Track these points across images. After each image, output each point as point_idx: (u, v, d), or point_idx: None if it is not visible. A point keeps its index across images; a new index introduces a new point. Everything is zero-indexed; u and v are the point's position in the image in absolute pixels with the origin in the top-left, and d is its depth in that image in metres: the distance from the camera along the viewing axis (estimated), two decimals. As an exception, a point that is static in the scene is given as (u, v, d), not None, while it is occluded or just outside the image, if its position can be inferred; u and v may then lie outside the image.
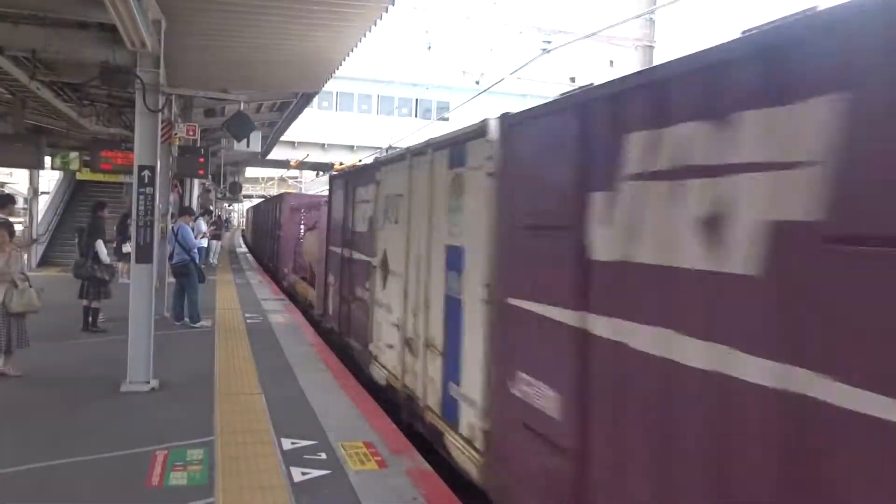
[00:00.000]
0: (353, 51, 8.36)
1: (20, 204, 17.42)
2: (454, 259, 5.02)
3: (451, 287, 5.06)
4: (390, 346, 6.65)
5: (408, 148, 6.61)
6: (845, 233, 1.99)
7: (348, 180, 9.21)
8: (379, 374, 7.03)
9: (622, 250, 2.99)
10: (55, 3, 6.59)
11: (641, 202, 2.88)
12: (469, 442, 4.59)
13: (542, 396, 3.58)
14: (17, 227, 10.16)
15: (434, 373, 5.35)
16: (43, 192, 19.42)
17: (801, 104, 2.13)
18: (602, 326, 3.11)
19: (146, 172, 6.59)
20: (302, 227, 16.88)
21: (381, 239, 7.15)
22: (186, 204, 16.52)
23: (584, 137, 3.34)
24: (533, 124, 4.04)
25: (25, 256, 8.61)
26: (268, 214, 25.20)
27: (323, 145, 36.47)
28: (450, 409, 5.00)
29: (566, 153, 3.50)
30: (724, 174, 2.42)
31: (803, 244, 2.10)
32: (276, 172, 52.29)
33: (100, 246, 9.23)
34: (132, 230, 6.70)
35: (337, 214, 9.70)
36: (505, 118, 4.35)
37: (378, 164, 7.76)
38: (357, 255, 8.24)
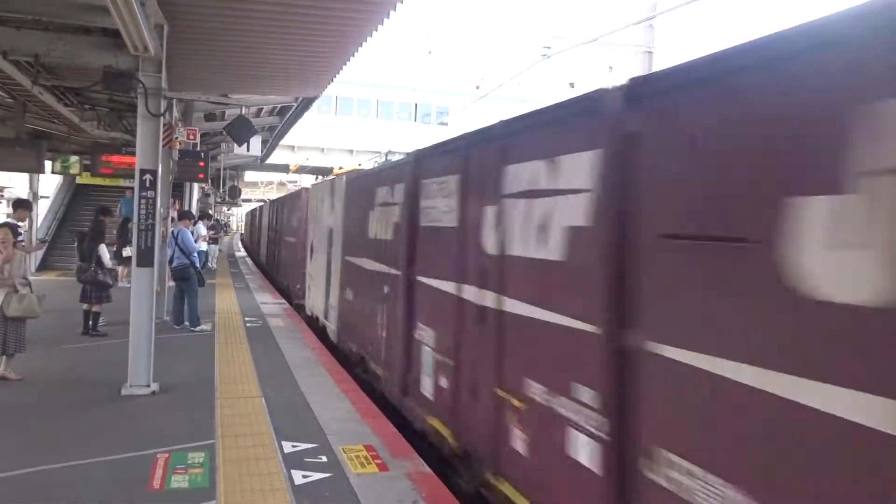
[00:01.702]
0: (354, 55, 8.39)
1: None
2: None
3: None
4: None
5: None
6: None
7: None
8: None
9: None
10: (58, 9, 6.62)
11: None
12: None
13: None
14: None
15: None
16: (43, 196, 19.43)
17: None
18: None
19: (147, 176, 6.62)
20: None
21: None
22: (186, 208, 16.54)
23: None
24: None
25: (26, 258, 8.62)
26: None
27: (322, 149, 36.57)
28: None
29: None
30: None
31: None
32: (276, 177, 52.34)
33: (102, 250, 9.25)
34: (133, 234, 6.72)
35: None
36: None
37: None
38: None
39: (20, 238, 8.83)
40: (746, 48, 2.48)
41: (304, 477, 4.53)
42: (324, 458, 4.90)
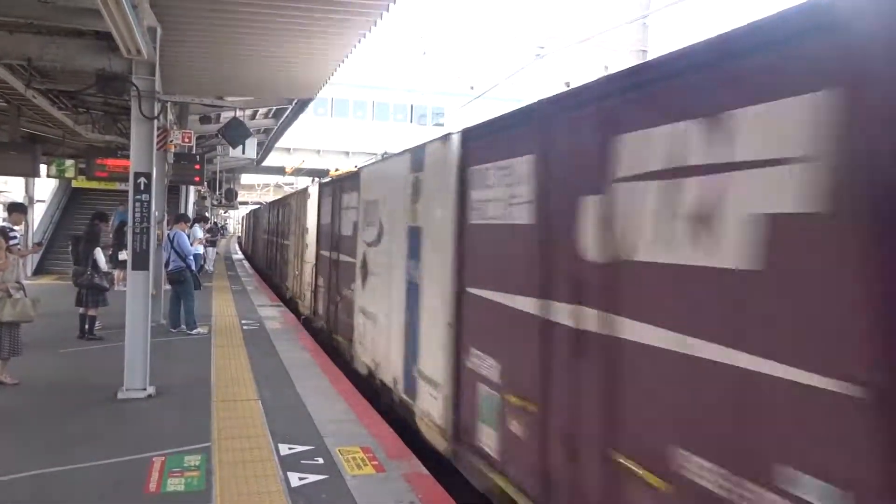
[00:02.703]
0: (348, 57, 8.40)
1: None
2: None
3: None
4: None
5: None
6: None
7: None
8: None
9: None
10: (51, 12, 6.60)
11: None
12: None
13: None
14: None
15: None
16: (39, 200, 19.40)
17: None
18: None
19: (142, 179, 6.60)
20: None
21: None
22: (181, 212, 16.51)
23: None
24: None
25: (21, 263, 8.61)
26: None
27: (318, 151, 36.50)
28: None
29: None
30: None
31: None
32: (272, 179, 52.30)
33: (98, 253, 9.23)
34: (128, 237, 6.71)
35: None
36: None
37: None
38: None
39: (16, 242, 8.82)
40: None
41: (301, 479, 4.53)
42: (320, 460, 4.89)
